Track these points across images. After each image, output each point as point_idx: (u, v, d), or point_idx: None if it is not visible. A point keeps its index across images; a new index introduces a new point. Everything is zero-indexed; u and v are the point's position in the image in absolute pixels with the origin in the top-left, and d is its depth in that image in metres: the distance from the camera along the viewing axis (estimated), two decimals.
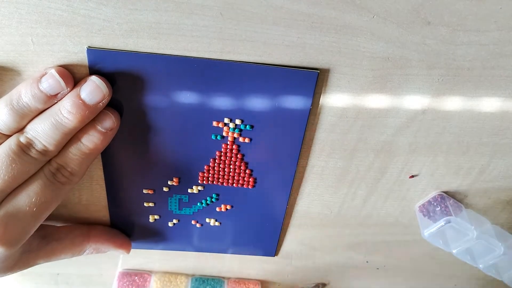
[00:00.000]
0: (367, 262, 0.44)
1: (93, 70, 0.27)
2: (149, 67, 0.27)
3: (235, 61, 0.27)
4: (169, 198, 0.35)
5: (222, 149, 0.32)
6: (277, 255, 0.43)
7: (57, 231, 0.34)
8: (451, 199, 0.37)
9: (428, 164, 0.34)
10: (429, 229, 0.36)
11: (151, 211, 0.36)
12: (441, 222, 0.35)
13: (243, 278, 0.46)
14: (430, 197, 0.37)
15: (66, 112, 0.25)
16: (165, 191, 0.34)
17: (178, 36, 0.26)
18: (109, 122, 0.28)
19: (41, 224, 0.28)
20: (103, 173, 0.33)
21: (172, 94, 0.28)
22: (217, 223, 0.37)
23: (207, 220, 0.37)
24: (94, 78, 0.26)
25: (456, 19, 0.26)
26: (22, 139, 0.26)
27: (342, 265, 0.45)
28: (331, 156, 0.33)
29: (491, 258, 0.37)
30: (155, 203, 0.35)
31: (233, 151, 0.32)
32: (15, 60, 0.26)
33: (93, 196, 0.35)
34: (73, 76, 0.26)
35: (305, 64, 0.27)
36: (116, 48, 0.26)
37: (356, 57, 0.27)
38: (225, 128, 0.30)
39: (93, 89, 0.26)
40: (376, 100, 0.30)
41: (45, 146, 0.26)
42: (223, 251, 0.41)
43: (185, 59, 0.27)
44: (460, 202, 0.37)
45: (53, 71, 0.25)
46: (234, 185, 0.34)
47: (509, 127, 0.32)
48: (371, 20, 0.25)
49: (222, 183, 0.34)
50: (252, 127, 0.30)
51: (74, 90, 0.26)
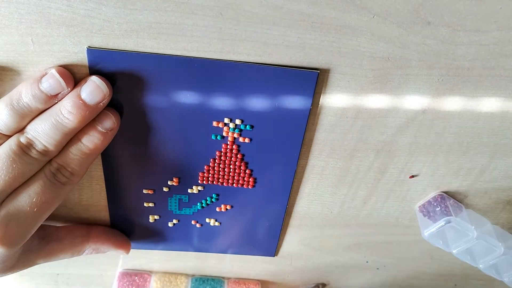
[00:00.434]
0: (367, 262, 0.44)
1: (93, 70, 0.27)
2: (149, 67, 0.27)
3: (235, 61, 0.27)
4: (169, 198, 0.35)
5: (222, 149, 0.32)
6: (277, 255, 0.43)
7: (56, 231, 0.34)
8: (451, 199, 0.36)
9: (428, 164, 0.34)
10: (429, 229, 0.36)
11: (151, 211, 0.36)
12: (441, 222, 0.35)
13: (243, 278, 0.46)
14: (430, 197, 0.37)
15: (67, 112, 0.25)
16: (165, 191, 0.34)
17: (178, 36, 0.26)
18: (109, 122, 0.28)
19: (41, 224, 0.28)
20: (103, 173, 0.33)
21: (172, 94, 0.28)
22: (217, 223, 0.37)
23: (207, 220, 0.37)
24: (94, 78, 0.26)
25: (456, 19, 0.26)
26: (23, 139, 0.26)
27: (342, 265, 0.45)
28: (331, 156, 0.33)
29: (491, 258, 0.37)
30: (155, 203, 0.35)
31: (233, 151, 0.32)
32: (15, 60, 0.26)
33: (93, 196, 0.35)
34: (73, 76, 0.26)
35: (305, 64, 0.27)
36: (116, 48, 0.26)
37: (356, 57, 0.27)
38: (225, 128, 0.30)
39: (94, 89, 0.26)
40: (376, 100, 0.30)
41: (45, 146, 0.26)
42: (223, 251, 0.41)
43: (185, 59, 0.27)
44: (460, 202, 0.37)
45: (54, 71, 0.25)
46: (234, 185, 0.34)
47: (509, 127, 0.32)
48: (371, 20, 0.25)
49: (222, 183, 0.34)
50: (252, 127, 0.30)
51: (75, 90, 0.26)
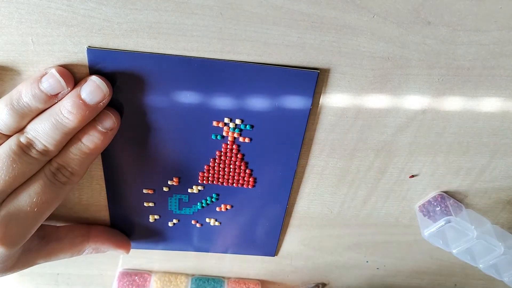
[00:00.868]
0: (367, 262, 0.44)
1: (93, 70, 0.27)
2: (149, 67, 0.27)
3: (235, 61, 0.27)
4: (169, 198, 0.35)
5: (222, 149, 0.32)
6: (277, 255, 0.43)
7: (56, 231, 0.34)
8: (451, 199, 0.36)
9: (428, 164, 0.34)
10: (429, 229, 0.36)
11: (151, 211, 0.36)
12: (441, 222, 0.35)
13: (243, 278, 0.46)
14: (430, 197, 0.37)
15: (67, 112, 0.25)
16: (165, 191, 0.34)
17: (178, 36, 0.26)
18: (110, 122, 0.28)
19: (41, 224, 0.28)
20: (103, 173, 0.33)
21: (172, 94, 0.28)
22: (217, 223, 0.37)
23: (207, 220, 0.37)
24: (95, 78, 0.26)
25: (456, 19, 0.26)
26: (23, 139, 0.26)
27: (342, 265, 0.45)
28: (331, 156, 0.33)
29: (491, 258, 0.37)
30: (155, 203, 0.35)
31: (233, 151, 0.32)
32: (15, 60, 0.26)
33: (93, 196, 0.35)
34: (73, 76, 0.26)
35: (305, 64, 0.27)
36: (116, 48, 0.26)
37: (356, 57, 0.27)
38: (225, 128, 0.30)
39: (94, 89, 0.26)
40: (376, 100, 0.30)
41: (45, 146, 0.26)
42: (223, 251, 0.41)
43: (185, 59, 0.27)
44: (460, 202, 0.37)
45: (54, 71, 0.25)
46: (234, 185, 0.34)
47: (509, 127, 0.32)
48: (371, 20, 0.25)
49: (222, 183, 0.34)
50: (252, 127, 0.30)
51: (75, 90, 0.26)
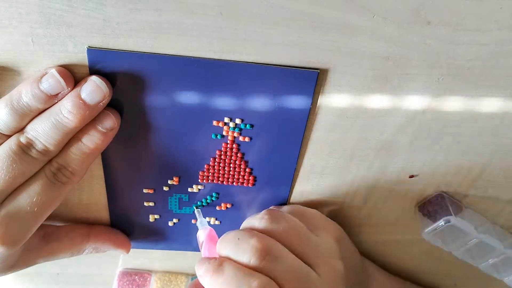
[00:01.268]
0: None
1: (93, 70, 0.27)
2: (149, 67, 0.27)
3: (235, 61, 0.27)
4: (169, 197, 0.35)
5: (222, 148, 0.32)
6: None
7: (56, 231, 0.34)
8: (451, 199, 0.36)
9: (428, 164, 0.34)
10: (429, 229, 0.36)
11: (151, 210, 0.36)
12: (441, 222, 0.35)
13: None
14: (430, 197, 0.37)
15: (67, 112, 0.25)
16: (165, 190, 0.34)
17: (178, 36, 0.26)
18: (110, 122, 0.28)
19: (41, 224, 0.29)
20: (103, 173, 0.33)
21: (172, 94, 0.28)
22: (217, 222, 0.37)
23: (207, 219, 0.37)
24: (95, 78, 0.26)
25: (456, 19, 0.26)
26: (23, 139, 0.26)
27: None
28: (331, 156, 0.33)
29: (491, 258, 0.37)
30: (155, 203, 0.35)
31: (233, 150, 0.32)
32: (15, 60, 0.26)
33: (93, 196, 0.35)
34: (73, 76, 0.26)
35: (305, 64, 0.27)
36: (116, 48, 0.26)
37: (356, 56, 0.27)
38: (225, 127, 0.30)
39: (94, 89, 0.26)
40: (376, 100, 0.30)
41: (45, 146, 0.26)
42: None
43: (185, 59, 0.27)
44: (460, 202, 0.37)
45: (54, 71, 0.25)
46: (234, 183, 0.34)
47: (509, 127, 0.32)
48: (371, 20, 0.25)
49: (222, 182, 0.34)
50: (252, 126, 0.30)
51: (75, 90, 0.26)
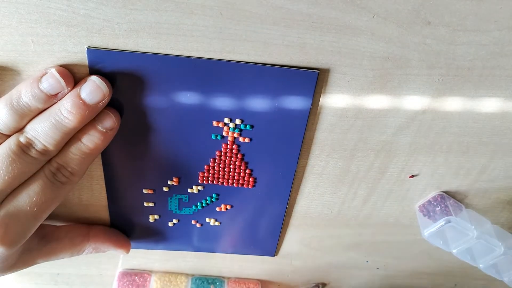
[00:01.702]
0: (367, 262, 0.44)
1: (93, 70, 0.27)
2: (149, 67, 0.27)
3: (235, 61, 0.27)
4: (169, 198, 0.35)
5: (222, 149, 0.32)
6: (277, 255, 0.43)
7: (56, 231, 0.34)
8: (451, 199, 0.36)
9: (428, 164, 0.34)
10: (429, 229, 0.36)
11: (151, 211, 0.36)
12: (441, 222, 0.35)
13: (243, 278, 0.46)
14: (430, 197, 0.37)
15: (66, 112, 0.25)
16: (165, 191, 0.34)
17: (178, 36, 0.26)
18: (109, 122, 0.28)
19: (41, 224, 0.28)
20: (103, 173, 0.33)
21: (172, 94, 0.28)
22: (217, 223, 0.37)
23: (207, 220, 0.37)
24: (94, 78, 0.26)
25: (456, 19, 0.26)
26: (22, 139, 0.26)
27: (342, 265, 0.45)
28: (331, 156, 0.33)
29: (491, 258, 0.37)
30: (155, 203, 0.35)
31: (233, 151, 0.32)
32: (15, 60, 0.26)
33: (93, 196, 0.35)
34: (73, 76, 0.26)
35: (305, 64, 0.27)
36: (116, 48, 0.26)
37: (356, 57, 0.27)
38: (225, 128, 0.30)
39: (93, 89, 0.26)
40: (376, 100, 0.30)
41: (45, 146, 0.26)
42: (223, 251, 0.41)
43: (185, 59, 0.27)
44: (460, 202, 0.37)
45: (54, 71, 0.25)
46: (234, 185, 0.34)
47: (509, 127, 0.32)
48: (371, 20, 0.25)
49: (222, 183, 0.34)
50: (252, 127, 0.30)
51: (74, 90, 0.26)
